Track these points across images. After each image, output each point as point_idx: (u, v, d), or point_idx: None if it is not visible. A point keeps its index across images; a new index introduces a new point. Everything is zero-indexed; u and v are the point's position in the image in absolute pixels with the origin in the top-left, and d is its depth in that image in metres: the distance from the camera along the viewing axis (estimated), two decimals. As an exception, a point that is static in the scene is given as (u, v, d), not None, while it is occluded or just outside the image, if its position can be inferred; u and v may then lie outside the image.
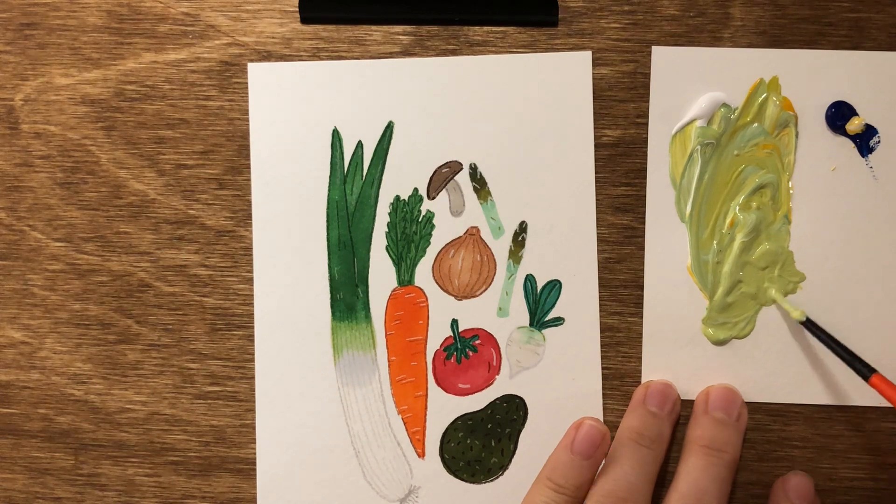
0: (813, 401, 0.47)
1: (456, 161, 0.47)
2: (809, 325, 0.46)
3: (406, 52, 0.47)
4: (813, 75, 0.47)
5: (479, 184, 0.47)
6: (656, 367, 0.48)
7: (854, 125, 0.47)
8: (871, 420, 0.48)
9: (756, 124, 0.47)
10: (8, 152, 0.47)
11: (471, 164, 0.47)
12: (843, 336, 0.47)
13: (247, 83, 0.47)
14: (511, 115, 0.47)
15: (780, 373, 0.48)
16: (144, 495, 0.47)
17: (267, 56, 0.47)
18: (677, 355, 0.48)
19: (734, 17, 0.47)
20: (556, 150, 0.47)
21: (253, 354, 0.48)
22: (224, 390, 0.47)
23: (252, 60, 0.47)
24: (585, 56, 0.47)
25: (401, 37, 0.47)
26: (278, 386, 0.47)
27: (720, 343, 0.48)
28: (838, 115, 0.47)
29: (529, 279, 0.47)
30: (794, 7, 0.47)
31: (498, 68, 0.47)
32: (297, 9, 0.47)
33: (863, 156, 0.47)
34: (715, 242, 0.47)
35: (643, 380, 0.48)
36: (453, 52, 0.47)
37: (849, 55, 0.47)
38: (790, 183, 0.47)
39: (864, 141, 0.47)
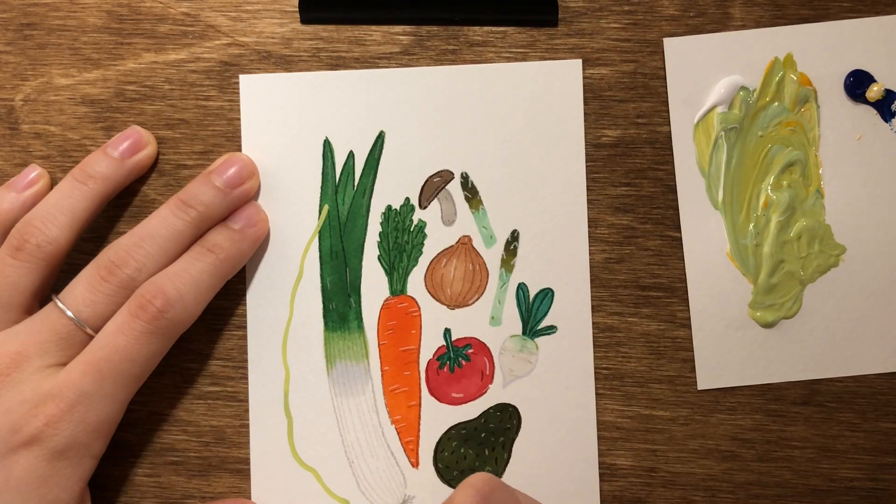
0: (866, 371, 0.48)
1: (447, 170, 0.47)
2: None
3: (406, 52, 0.47)
4: (827, 47, 0.47)
5: (471, 193, 0.47)
6: (708, 356, 0.48)
7: (874, 92, 0.47)
8: (870, 420, 0.48)
9: (776, 103, 0.47)
10: (8, 152, 0.48)
11: (462, 174, 0.47)
12: (889, 301, 0.47)
13: (245, 85, 0.47)
14: (502, 123, 0.47)
15: (832, 348, 0.48)
16: (144, 495, 0.47)
17: (267, 56, 0.47)
18: (728, 342, 0.48)
19: (734, 17, 0.47)
20: (547, 159, 0.47)
21: (252, 355, 0.48)
22: (224, 390, 0.47)
23: (252, 61, 0.47)
24: (576, 64, 0.47)
25: (401, 37, 0.47)
26: (271, 397, 0.47)
27: (769, 325, 0.48)
28: (857, 84, 0.47)
29: (522, 288, 0.47)
30: (795, 7, 0.47)
31: (489, 77, 0.47)
32: (297, 9, 0.47)
33: (886, 121, 0.47)
34: (751, 225, 0.47)
35: (697, 374, 0.47)
36: (453, 53, 0.47)
37: (860, 23, 0.47)
38: (818, 157, 0.47)
39: (886, 106, 0.47)
